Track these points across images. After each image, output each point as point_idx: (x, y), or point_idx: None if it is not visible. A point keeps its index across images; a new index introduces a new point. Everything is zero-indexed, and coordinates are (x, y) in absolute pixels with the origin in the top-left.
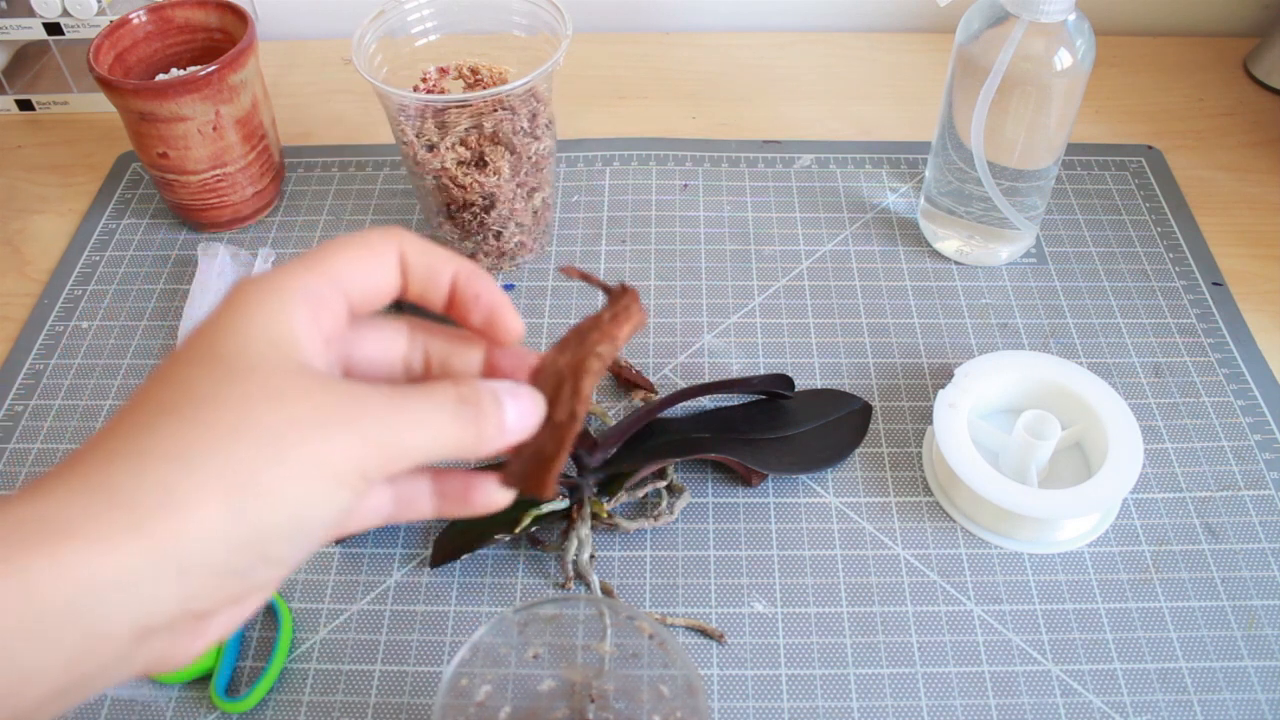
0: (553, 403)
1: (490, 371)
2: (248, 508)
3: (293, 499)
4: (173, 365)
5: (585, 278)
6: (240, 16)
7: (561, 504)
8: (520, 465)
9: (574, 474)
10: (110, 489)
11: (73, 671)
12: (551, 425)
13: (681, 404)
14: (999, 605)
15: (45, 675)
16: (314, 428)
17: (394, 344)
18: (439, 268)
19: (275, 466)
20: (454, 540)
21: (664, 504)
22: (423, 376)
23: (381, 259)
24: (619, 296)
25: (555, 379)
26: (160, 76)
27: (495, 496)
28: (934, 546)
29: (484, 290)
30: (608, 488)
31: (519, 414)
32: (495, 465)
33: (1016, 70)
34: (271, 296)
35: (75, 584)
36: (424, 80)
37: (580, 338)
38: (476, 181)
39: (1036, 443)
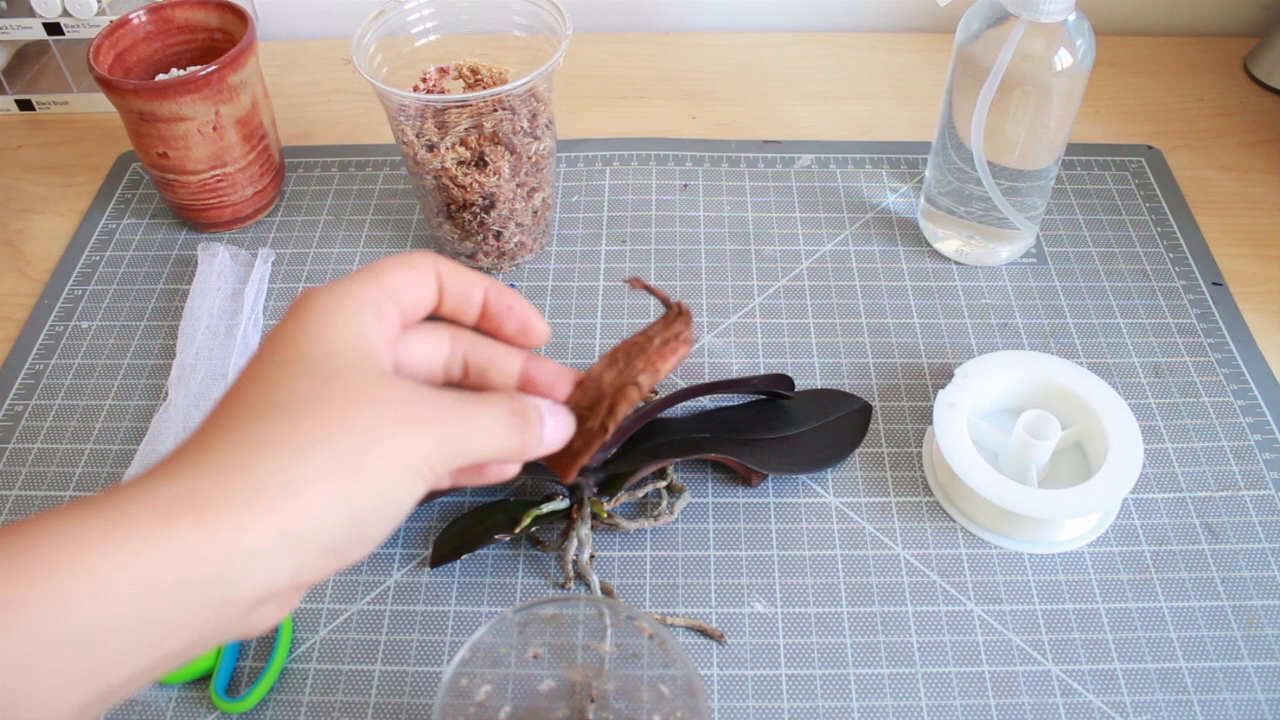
0: (590, 410)
1: (526, 381)
2: (350, 493)
3: (383, 487)
4: (264, 367)
5: (649, 289)
6: (240, 16)
7: (561, 504)
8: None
9: None
10: (245, 474)
11: (203, 629)
12: (584, 429)
13: (681, 404)
14: (999, 605)
15: (184, 631)
16: (397, 426)
17: (438, 350)
18: (470, 286)
19: (369, 458)
20: (454, 540)
21: (664, 504)
22: (460, 381)
23: (423, 277)
24: (673, 320)
25: (596, 393)
26: (160, 76)
27: (507, 469)
28: (934, 546)
29: (515, 303)
30: (608, 488)
31: (554, 429)
32: None
33: (1016, 70)
34: (344, 305)
35: (222, 554)
36: (424, 80)
37: (628, 359)
38: (476, 181)
39: (1036, 443)
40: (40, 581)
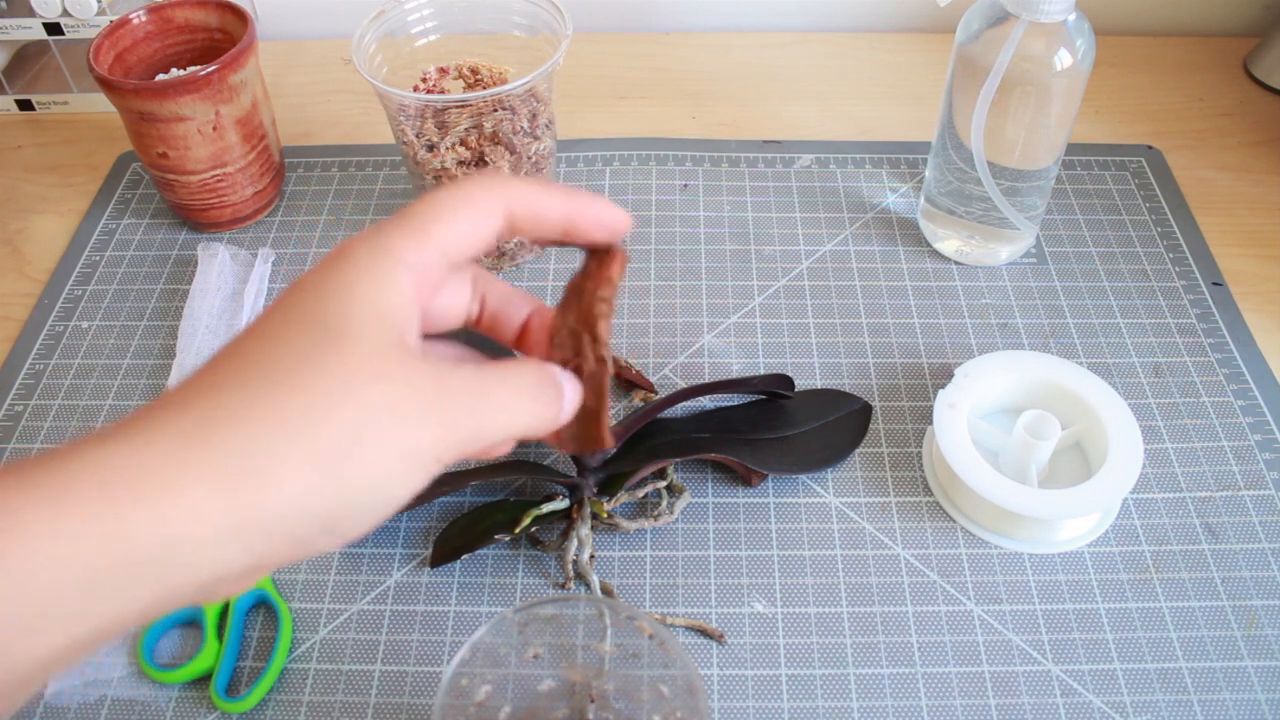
0: (578, 357)
1: (524, 331)
2: (331, 486)
3: (375, 480)
4: (274, 323)
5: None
6: (240, 16)
7: (561, 504)
8: (570, 429)
9: (574, 474)
10: (209, 451)
11: (140, 613)
12: (585, 379)
13: (681, 404)
14: (999, 605)
15: (116, 615)
16: (403, 412)
17: (462, 296)
18: (547, 212)
19: (365, 447)
20: (454, 540)
21: (664, 504)
22: (475, 323)
23: (488, 218)
24: (603, 256)
25: (572, 337)
26: (160, 76)
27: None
28: (934, 546)
29: (602, 212)
30: (608, 488)
31: (572, 393)
32: None
33: (1016, 70)
34: (380, 263)
35: (169, 538)
36: (424, 80)
37: (578, 294)
38: None
39: (1036, 443)
40: None
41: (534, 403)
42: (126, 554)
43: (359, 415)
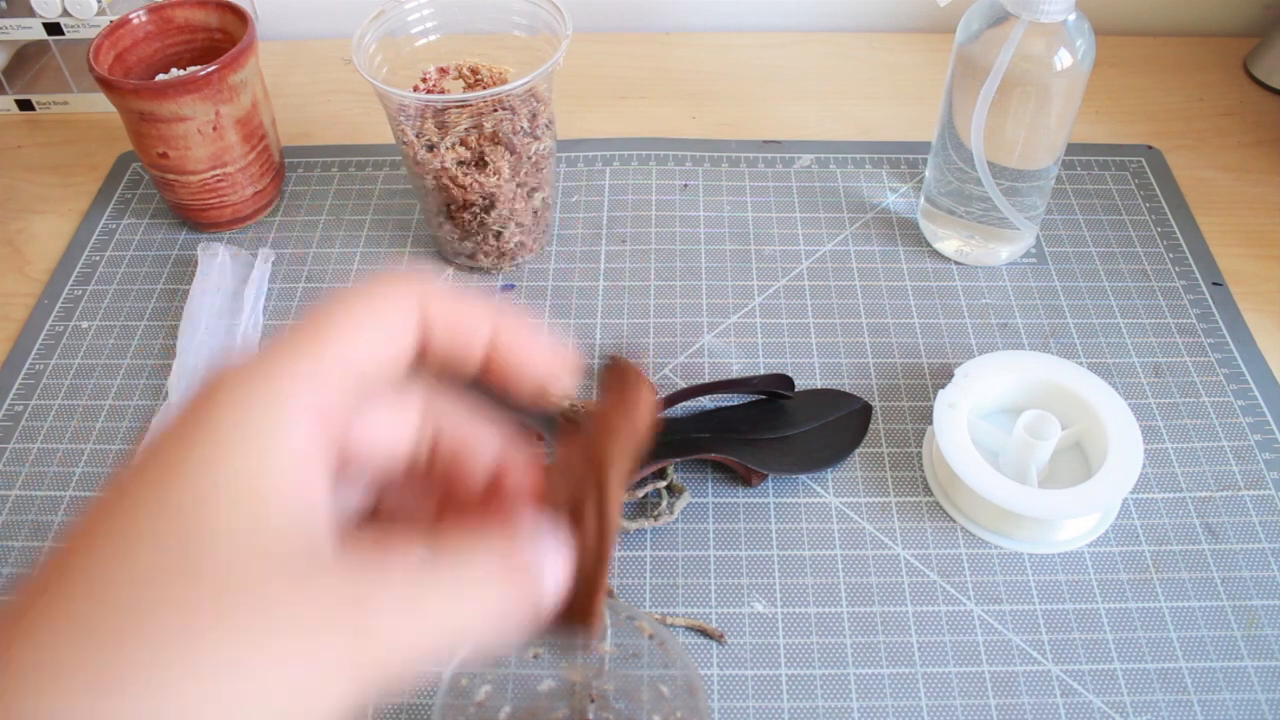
0: (577, 512)
1: (498, 474)
2: None
3: None
4: (116, 540)
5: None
6: (240, 16)
7: None
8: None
9: None
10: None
11: None
12: (578, 532)
13: (681, 404)
14: (999, 605)
15: None
16: (297, 658)
17: (404, 427)
18: (471, 326)
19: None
20: None
21: (664, 504)
22: (425, 471)
23: (396, 321)
24: (612, 372)
25: (573, 476)
26: (160, 76)
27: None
28: (934, 546)
29: (534, 353)
30: None
31: (555, 576)
32: None
33: (1016, 70)
34: (263, 423)
35: None
36: (424, 80)
37: (589, 425)
38: (476, 181)
39: (1036, 443)
40: None
41: (499, 603)
42: None
43: (219, 676)
